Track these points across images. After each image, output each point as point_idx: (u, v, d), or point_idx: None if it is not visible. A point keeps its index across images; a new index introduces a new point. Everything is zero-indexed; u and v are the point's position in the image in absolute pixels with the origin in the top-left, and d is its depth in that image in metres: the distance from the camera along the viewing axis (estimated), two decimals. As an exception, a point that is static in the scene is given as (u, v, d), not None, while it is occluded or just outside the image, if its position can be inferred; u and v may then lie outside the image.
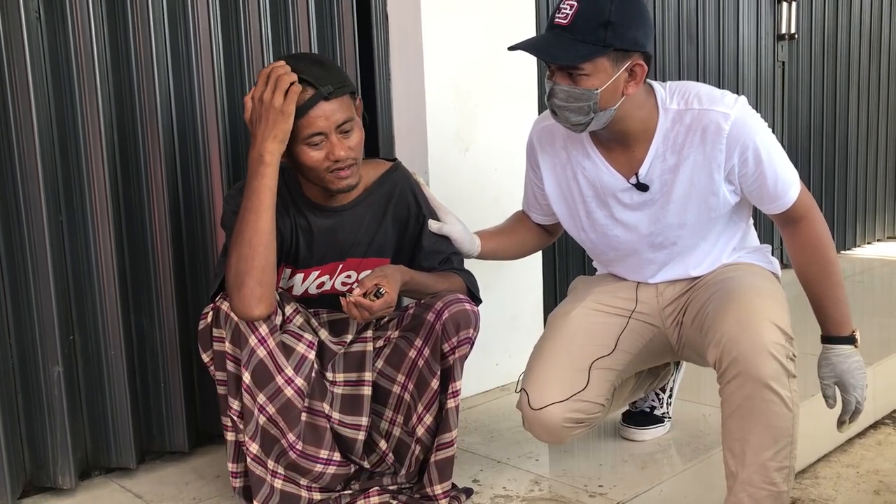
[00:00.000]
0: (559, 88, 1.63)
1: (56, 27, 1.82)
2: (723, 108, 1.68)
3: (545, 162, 1.91)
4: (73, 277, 1.90)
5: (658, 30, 3.42)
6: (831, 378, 1.80)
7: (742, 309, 1.64)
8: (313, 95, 1.60)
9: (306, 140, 1.63)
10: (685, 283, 1.89)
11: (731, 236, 1.87)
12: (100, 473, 2.02)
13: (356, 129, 1.68)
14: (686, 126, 1.71)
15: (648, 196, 1.78)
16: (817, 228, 1.78)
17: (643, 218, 1.81)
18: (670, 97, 1.74)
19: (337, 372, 1.75)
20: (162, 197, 1.96)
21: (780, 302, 1.71)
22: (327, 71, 1.65)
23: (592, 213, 1.86)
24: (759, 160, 1.70)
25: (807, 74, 4.39)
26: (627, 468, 1.97)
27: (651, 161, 1.75)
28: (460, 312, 1.67)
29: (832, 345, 1.80)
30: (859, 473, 2.31)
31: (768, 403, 1.59)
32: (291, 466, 1.68)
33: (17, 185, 1.79)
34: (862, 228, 4.97)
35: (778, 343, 1.60)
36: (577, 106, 1.63)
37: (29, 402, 1.88)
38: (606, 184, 1.81)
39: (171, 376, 2.04)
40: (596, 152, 1.81)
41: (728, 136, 1.68)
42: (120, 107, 1.92)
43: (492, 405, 2.46)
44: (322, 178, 1.68)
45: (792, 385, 1.62)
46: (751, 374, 1.59)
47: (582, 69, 1.60)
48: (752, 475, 1.63)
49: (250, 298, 1.58)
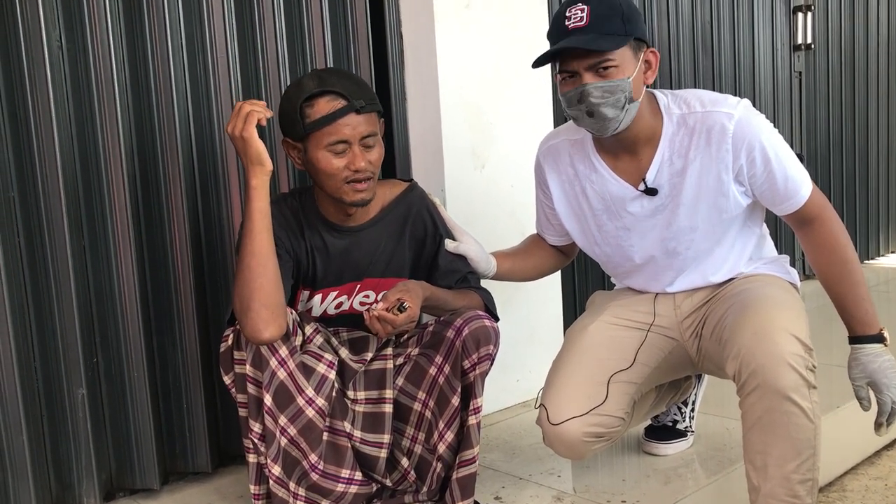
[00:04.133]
0: (592, 87, 1.63)
1: (77, 54, 1.85)
2: (726, 109, 1.70)
3: (553, 180, 1.93)
4: (95, 300, 1.93)
5: (673, 41, 3.42)
6: (863, 379, 1.73)
7: (759, 320, 1.63)
8: (345, 106, 1.65)
9: (330, 146, 1.66)
10: (703, 295, 1.88)
11: (745, 242, 1.86)
12: (124, 495, 2.04)
13: (378, 145, 1.71)
14: (690, 129, 1.73)
15: (659, 202, 1.78)
16: (833, 227, 1.75)
17: (656, 225, 1.81)
18: (673, 103, 1.76)
19: (358, 390, 1.75)
20: (182, 220, 1.99)
21: (798, 312, 1.69)
22: (359, 87, 1.70)
23: (604, 226, 1.87)
24: (767, 159, 1.70)
25: (824, 84, 4.37)
26: (651, 483, 1.96)
27: (658, 166, 1.76)
28: (480, 329, 1.67)
29: (860, 345, 1.74)
30: (888, 486, 2.28)
31: (789, 415, 1.57)
32: (313, 488, 1.68)
33: (41, 209, 1.83)
34: (885, 238, 4.92)
35: (797, 354, 1.58)
36: (613, 99, 1.64)
37: (54, 424, 1.90)
38: (615, 195, 1.82)
39: (194, 397, 2.05)
40: (602, 164, 1.82)
41: (733, 135, 1.69)
42: (140, 131, 1.95)
43: (513, 422, 2.45)
44: (339, 189, 1.69)
45: (813, 396, 1.60)
46: (770, 386, 1.57)
47: (612, 60, 1.62)
48: (774, 488, 1.61)
49: (257, 321, 1.57)
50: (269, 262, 1.61)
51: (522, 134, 2.50)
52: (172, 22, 1.95)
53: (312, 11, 2.19)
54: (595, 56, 1.62)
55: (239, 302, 1.59)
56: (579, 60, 1.63)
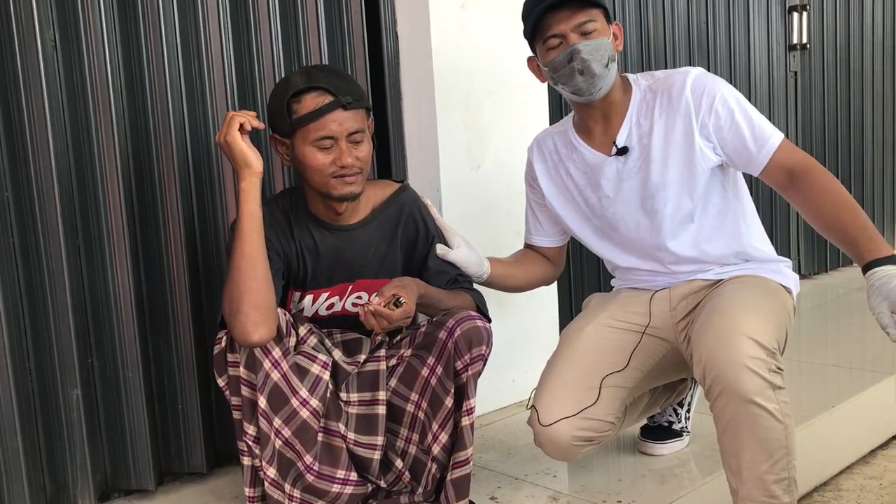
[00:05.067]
0: (581, 45, 1.74)
1: (72, 55, 1.85)
2: (683, 70, 1.84)
3: (541, 171, 2.00)
4: (90, 301, 1.92)
5: (668, 42, 3.42)
6: (883, 304, 1.55)
7: (721, 325, 1.63)
8: (331, 102, 1.65)
9: (316, 142, 1.66)
10: (698, 297, 1.88)
11: (734, 216, 1.87)
12: (119, 495, 2.03)
13: (366, 142, 1.71)
14: (654, 93, 1.85)
15: (631, 163, 1.85)
16: (825, 177, 1.70)
17: (633, 187, 1.86)
18: (642, 78, 1.90)
19: (351, 392, 1.75)
20: (178, 221, 1.98)
21: (767, 315, 1.67)
22: (347, 83, 1.70)
23: (589, 198, 1.93)
24: (729, 108, 1.77)
25: (820, 84, 4.38)
26: (647, 483, 1.96)
27: (628, 128, 1.86)
28: (472, 330, 1.67)
29: (873, 269, 1.59)
30: (882, 485, 2.28)
31: (755, 418, 1.57)
32: (309, 489, 1.68)
33: (35, 210, 1.82)
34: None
35: (756, 357, 1.56)
36: (599, 56, 1.75)
37: (48, 425, 1.89)
38: (592, 164, 1.90)
39: (189, 398, 2.05)
40: (579, 141, 1.92)
41: (692, 88, 1.79)
42: (135, 132, 1.94)
43: (508, 422, 2.45)
44: (326, 183, 1.69)
45: (780, 396, 1.59)
46: (733, 392, 1.57)
47: (594, 21, 1.75)
48: (750, 490, 1.62)
49: (246, 323, 1.57)
50: (258, 264, 1.61)
51: (518, 134, 2.50)
52: (167, 21, 1.95)
53: (308, 11, 2.19)
54: (581, 15, 1.74)
55: (228, 304, 1.59)
56: (566, 22, 1.74)
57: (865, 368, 2.72)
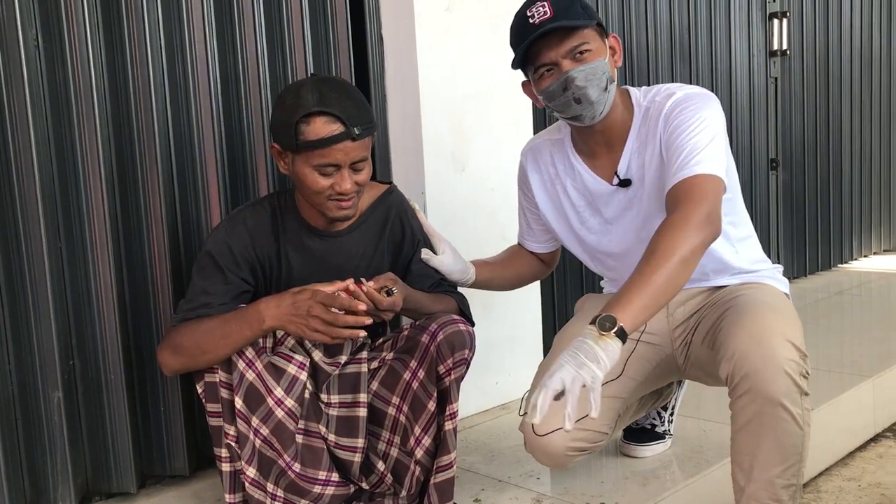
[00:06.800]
0: (575, 72, 1.66)
1: (55, 55, 1.83)
2: (674, 89, 1.75)
3: (535, 181, 1.95)
4: (72, 303, 1.91)
5: (651, 48, 3.44)
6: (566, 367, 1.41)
7: (756, 325, 1.62)
8: (342, 133, 1.60)
9: (319, 167, 1.63)
10: (696, 303, 1.89)
11: (727, 236, 1.82)
12: (100, 499, 2.02)
13: (367, 166, 1.69)
14: (649, 118, 1.77)
15: (633, 193, 1.81)
16: (685, 232, 1.51)
17: (634, 217, 1.82)
18: (643, 97, 1.80)
19: (332, 393, 1.74)
20: (160, 223, 1.97)
21: (794, 319, 1.69)
22: (358, 109, 1.63)
23: (586, 221, 1.90)
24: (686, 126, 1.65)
25: (799, 90, 4.43)
26: (629, 485, 1.97)
27: (628, 158, 1.79)
28: (455, 334, 1.67)
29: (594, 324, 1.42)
30: (861, 487, 2.31)
31: (779, 421, 1.57)
32: (291, 487, 1.68)
33: (17, 211, 1.80)
34: (858, 242, 4.98)
35: (792, 360, 1.57)
36: (596, 80, 1.67)
37: (29, 428, 1.87)
38: (594, 191, 1.85)
39: (171, 401, 2.04)
40: (580, 163, 1.86)
41: (667, 110, 1.71)
42: (118, 133, 1.93)
43: (492, 424, 2.46)
44: (321, 204, 1.69)
45: (804, 403, 1.60)
46: (762, 391, 1.56)
47: (587, 43, 1.66)
48: (758, 490, 1.62)
49: (170, 363, 1.69)
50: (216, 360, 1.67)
51: (503, 137, 2.51)
52: (151, 21, 1.93)
53: (292, 12, 2.18)
54: (572, 39, 1.65)
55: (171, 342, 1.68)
56: (556, 49, 1.66)
57: (844, 371, 2.75)
